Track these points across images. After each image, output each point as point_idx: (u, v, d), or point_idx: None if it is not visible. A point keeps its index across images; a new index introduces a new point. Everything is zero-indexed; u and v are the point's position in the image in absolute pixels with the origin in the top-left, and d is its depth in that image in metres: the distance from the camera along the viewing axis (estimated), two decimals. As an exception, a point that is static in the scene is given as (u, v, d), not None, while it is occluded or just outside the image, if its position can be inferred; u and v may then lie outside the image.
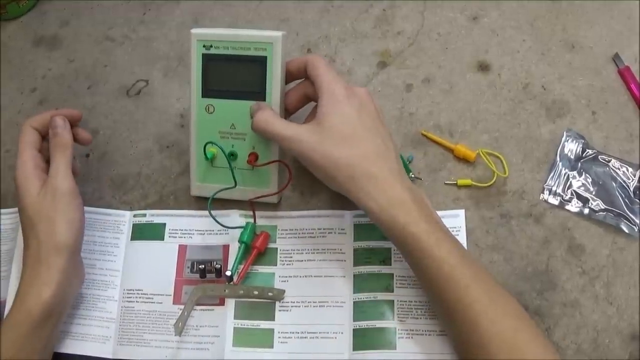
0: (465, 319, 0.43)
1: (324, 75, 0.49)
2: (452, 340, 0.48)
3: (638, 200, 0.54)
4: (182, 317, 0.50)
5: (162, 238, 0.55)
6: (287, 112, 0.54)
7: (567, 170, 0.55)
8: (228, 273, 0.51)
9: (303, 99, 0.53)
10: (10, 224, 0.57)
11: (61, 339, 0.52)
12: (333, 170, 0.46)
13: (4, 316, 0.53)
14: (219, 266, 0.53)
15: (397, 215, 0.45)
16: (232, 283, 0.52)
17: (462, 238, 0.53)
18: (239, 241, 0.53)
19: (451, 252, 0.44)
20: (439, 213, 0.53)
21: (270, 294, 0.52)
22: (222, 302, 0.52)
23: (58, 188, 0.49)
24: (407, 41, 0.63)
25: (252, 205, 0.53)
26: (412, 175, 0.55)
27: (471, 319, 0.43)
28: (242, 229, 0.53)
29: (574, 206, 0.54)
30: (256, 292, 0.52)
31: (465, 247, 0.52)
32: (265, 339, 0.51)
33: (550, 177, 0.55)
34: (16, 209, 0.57)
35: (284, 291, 0.52)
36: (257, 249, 0.53)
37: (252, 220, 0.54)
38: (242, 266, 0.53)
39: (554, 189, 0.55)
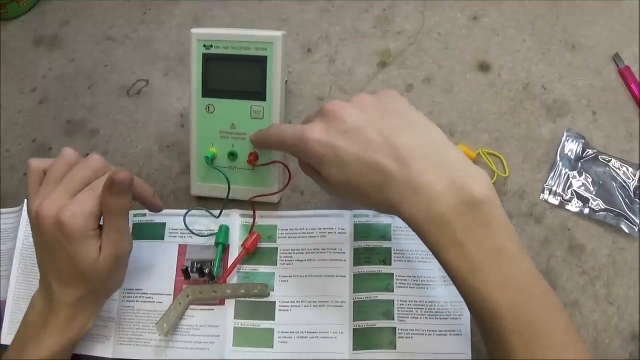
0: (502, 349, 0.39)
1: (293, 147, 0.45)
2: None
3: (638, 200, 0.53)
4: (167, 317, 0.51)
5: (162, 238, 0.55)
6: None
7: (567, 170, 0.55)
8: (206, 271, 0.52)
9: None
10: (10, 224, 0.57)
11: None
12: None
13: (3, 316, 0.53)
14: (207, 269, 0.53)
15: (429, 235, 0.39)
16: (218, 283, 0.52)
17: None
18: (215, 244, 0.53)
19: (488, 280, 0.38)
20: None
21: (255, 290, 0.52)
22: (222, 302, 0.52)
23: (120, 256, 0.46)
24: (408, 41, 0.63)
25: (252, 205, 0.53)
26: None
27: (506, 349, 0.38)
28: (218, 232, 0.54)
29: (574, 206, 0.54)
30: (243, 291, 0.52)
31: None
32: (265, 339, 0.51)
33: (550, 177, 0.55)
34: (16, 209, 0.57)
35: (267, 286, 0.52)
36: (246, 249, 0.53)
37: (251, 221, 0.54)
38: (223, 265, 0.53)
39: (554, 189, 0.55)
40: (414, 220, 0.39)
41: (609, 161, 0.55)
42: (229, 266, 0.53)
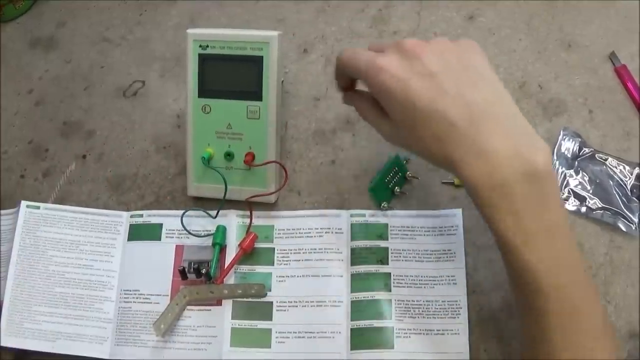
0: (538, 328, 0.39)
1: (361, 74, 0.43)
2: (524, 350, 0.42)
3: (635, 199, 0.54)
4: (164, 317, 0.50)
5: (158, 238, 0.55)
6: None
7: (564, 168, 0.55)
8: (203, 271, 0.52)
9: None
10: (9, 225, 0.57)
11: (58, 340, 0.52)
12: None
13: (1, 317, 0.53)
14: (204, 270, 0.53)
15: (487, 200, 0.38)
16: (215, 283, 0.52)
17: (459, 237, 0.52)
18: (212, 244, 0.53)
19: (538, 254, 0.38)
20: (435, 213, 0.54)
21: (252, 291, 0.52)
22: (219, 303, 0.52)
23: None
24: (404, 41, 0.63)
25: (249, 205, 0.53)
26: (409, 175, 0.55)
27: (543, 328, 0.38)
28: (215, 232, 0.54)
29: (571, 205, 0.54)
30: (240, 291, 0.52)
31: (465, 246, 0.52)
32: (262, 339, 0.51)
33: (547, 175, 0.55)
34: (13, 210, 0.57)
35: (264, 286, 0.52)
36: (243, 249, 0.53)
37: (248, 221, 0.54)
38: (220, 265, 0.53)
39: (551, 187, 0.55)
40: (472, 182, 0.38)
41: (606, 159, 0.55)
42: (226, 266, 0.53)
